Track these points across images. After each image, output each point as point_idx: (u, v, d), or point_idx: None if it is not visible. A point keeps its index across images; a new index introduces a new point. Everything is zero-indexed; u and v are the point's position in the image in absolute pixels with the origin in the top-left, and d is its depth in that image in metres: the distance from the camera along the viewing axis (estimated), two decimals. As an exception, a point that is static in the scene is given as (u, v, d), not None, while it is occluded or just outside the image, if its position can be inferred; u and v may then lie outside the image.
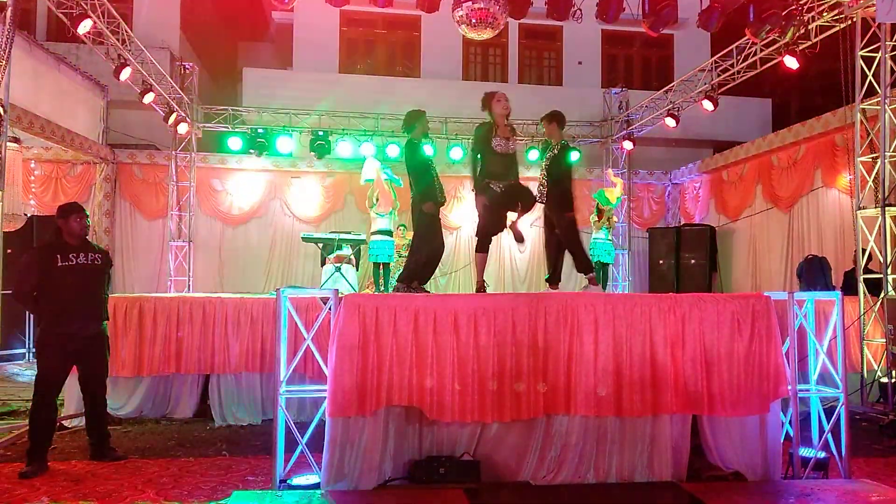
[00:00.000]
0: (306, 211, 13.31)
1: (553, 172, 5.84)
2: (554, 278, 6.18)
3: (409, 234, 8.15)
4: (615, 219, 11.44)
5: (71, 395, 5.91)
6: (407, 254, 6.86)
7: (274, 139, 12.65)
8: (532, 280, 13.65)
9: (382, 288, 9.15)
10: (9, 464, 4.80)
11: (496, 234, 5.67)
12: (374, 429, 4.10)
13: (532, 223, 10.17)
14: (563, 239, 5.90)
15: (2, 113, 6.20)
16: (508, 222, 5.74)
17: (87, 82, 11.61)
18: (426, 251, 5.69)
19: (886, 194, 7.14)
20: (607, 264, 10.65)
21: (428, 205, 5.63)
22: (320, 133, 12.80)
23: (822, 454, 4.41)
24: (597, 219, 10.55)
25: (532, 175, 7.72)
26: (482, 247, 5.63)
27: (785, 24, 7.70)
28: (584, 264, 5.91)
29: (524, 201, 5.59)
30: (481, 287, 5.61)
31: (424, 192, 5.67)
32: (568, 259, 6.10)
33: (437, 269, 6.15)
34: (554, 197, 5.81)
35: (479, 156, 5.54)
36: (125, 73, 9.70)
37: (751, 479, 4.31)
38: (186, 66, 12.86)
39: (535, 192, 5.82)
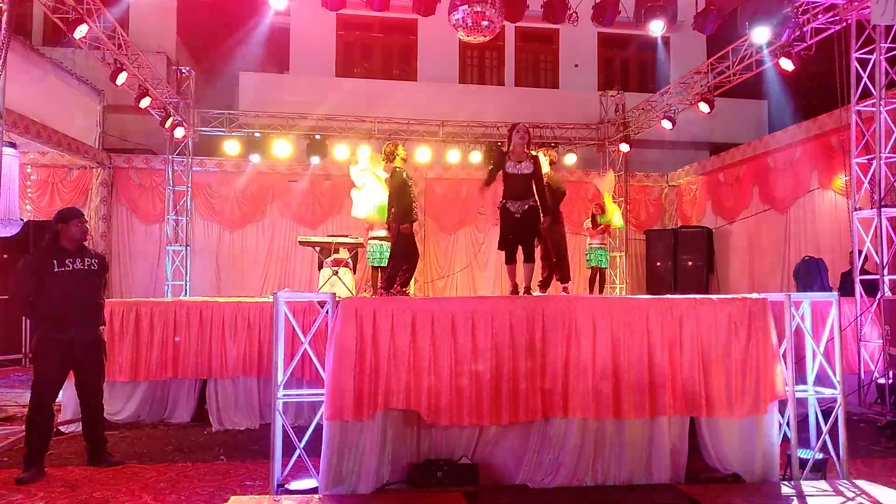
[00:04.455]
0: (303, 214, 13.30)
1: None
2: (545, 283, 6.73)
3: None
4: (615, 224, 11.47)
5: (68, 401, 5.88)
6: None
7: (271, 143, 12.66)
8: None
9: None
10: (5, 470, 4.79)
11: (514, 248, 5.73)
12: (371, 432, 4.10)
13: None
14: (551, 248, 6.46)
15: (-2, 118, 6.19)
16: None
17: (83, 87, 11.60)
18: (405, 262, 6.45)
19: (882, 195, 7.15)
20: (603, 268, 10.68)
21: (405, 227, 6.39)
22: (317, 137, 12.82)
23: (819, 455, 4.42)
24: (591, 225, 10.60)
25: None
26: (507, 258, 5.76)
27: (780, 25, 7.73)
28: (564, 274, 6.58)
29: (522, 237, 5.68)
30: (514, 289, 5.72)
31: (402, 214, 6.40)
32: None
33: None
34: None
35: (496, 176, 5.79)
36: (121, 78, 9.69)
37: (749, 481, 4.31)
38: (183, 71, 12.86)
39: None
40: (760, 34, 8.03)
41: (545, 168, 6.44)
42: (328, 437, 4.06)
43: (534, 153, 5.76)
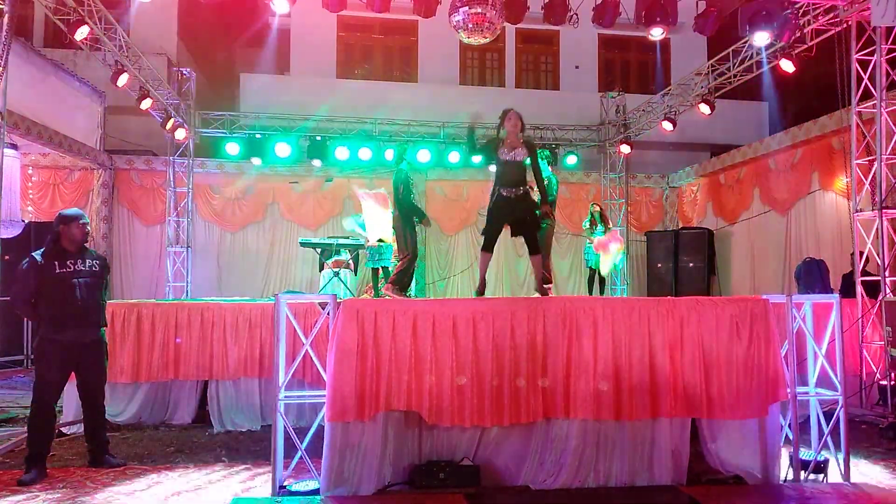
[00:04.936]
0: (304, 216, 13.31)
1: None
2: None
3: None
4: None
5: (69, 402, 5.88)
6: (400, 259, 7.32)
7: (272, 144, 12.68)
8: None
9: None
10: (7, 471, 4.79)
11: (495, 235, 5.57)
12: (373, 434, 4.10)
13: None
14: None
15: (-1, 119, 6.20)
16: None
17: (84, 88, 11.61)
18: (413, 261, 6.85)
19: (883, 197, 7.16)
20: (603, 269, 10.67)
21: (425, 220, 7.08)
22: (318, 138, 12.84)
23: (821, 457, 4.42)
24: (589, 226, 10.61)
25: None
26: (485, 246, 5.56)
27: (781, 27, 7.73)
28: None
29: (519, 222, 5.54)
30: (482, 286, 5.56)
31: (417, 210, 6.96)
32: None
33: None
34: None
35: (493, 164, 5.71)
36: (122, 79, 9.70)
37: (751, 483, 4.32)
38: (184, 72, 12.87)
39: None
40: (760, 36, 8.04)
41: (546, 171, 6.39)
42: (329, 438, 4.06)
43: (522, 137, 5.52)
